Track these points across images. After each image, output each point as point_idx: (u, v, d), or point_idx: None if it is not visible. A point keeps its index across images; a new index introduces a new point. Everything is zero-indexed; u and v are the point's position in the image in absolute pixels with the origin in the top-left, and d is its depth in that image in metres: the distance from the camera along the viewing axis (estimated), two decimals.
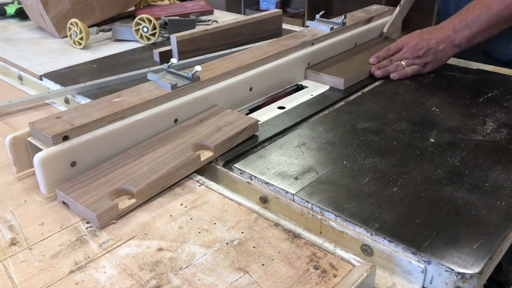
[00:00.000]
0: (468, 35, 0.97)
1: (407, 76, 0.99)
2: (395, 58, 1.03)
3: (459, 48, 0.99)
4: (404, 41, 1.03)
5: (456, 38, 0.98)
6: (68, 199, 0.63)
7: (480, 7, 0.96)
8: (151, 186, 0.64)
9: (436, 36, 0.99)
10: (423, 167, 0.69)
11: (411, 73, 1.00)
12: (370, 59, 1.03)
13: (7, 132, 0.83)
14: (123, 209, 0.62)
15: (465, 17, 0.97)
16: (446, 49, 0.99)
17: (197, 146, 0.73)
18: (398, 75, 0.99)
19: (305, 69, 1.01)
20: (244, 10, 4.16)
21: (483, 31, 0.97)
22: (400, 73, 1.00)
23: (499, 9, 0.94)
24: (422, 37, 1.01)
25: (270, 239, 0.56)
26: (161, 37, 1.33)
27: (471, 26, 0.96)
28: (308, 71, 1.01)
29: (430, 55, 0.99)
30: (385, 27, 1.23)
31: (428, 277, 0.53)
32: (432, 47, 0.99)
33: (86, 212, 0.60)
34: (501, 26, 0.97)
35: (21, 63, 1.14)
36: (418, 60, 1.00)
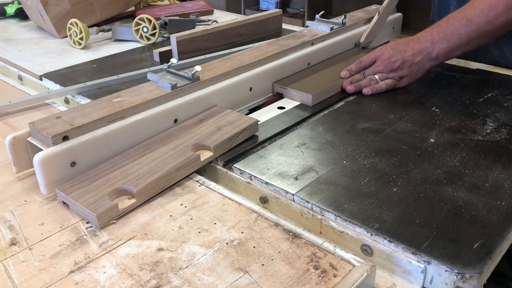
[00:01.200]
0: (446, 48, 0.91)
1: (381, 91, 0.93)
2: (368, 71, 0.96)
3: (437, 61, 0.93)
4: (377, 53, 0.96)
5: (434, 51, 0.92)
6: (68, 199, 0.63)
7: (461, 19, 0.90)
8: (151, 186, 0.64)
9: (412, 47, 0.93)
10: (423, 167, 0.69)
11: (385, 87, 0.93)
12: (342, 72, 0.96)
13: (7, 132, 0.83)
14: (123, 209, 0.61)
15: (444, 28, 0.91)
16: (423, 62, 0.93)
17: (197, 146, 0.73)
18: (371, 90, 0.92)
19: (272, 83, 0.94)
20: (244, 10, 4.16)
21: (462, 45, 0.91)
22: (373, 88, 0.93)
23: (481, 23, 0.88)
24: (397, 49, 0.94)
25: (270, 239, 0.56)
26: (161, 37, 1.34)
27: (450, 39, 0.90)
28: (276, 85, 0.94)
29: (406, 69, 0.93)
30: (362, 36, 1.15)
31: (428, 277, 0.53)
32: (407, 60, 0.93)
33: (86, 212, 0.60)
34: (481, 40, 0.91)
35: (21, 63, 1.14)
36: (392, 73, 0.94)
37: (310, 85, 0.93)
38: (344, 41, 1.12)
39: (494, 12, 0.87)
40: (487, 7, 0.87)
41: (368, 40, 1.15)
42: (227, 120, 0.79)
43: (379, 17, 1.13)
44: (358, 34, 1.15)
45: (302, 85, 0.93)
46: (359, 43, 1.15)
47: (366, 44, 1.15)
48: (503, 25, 0.88)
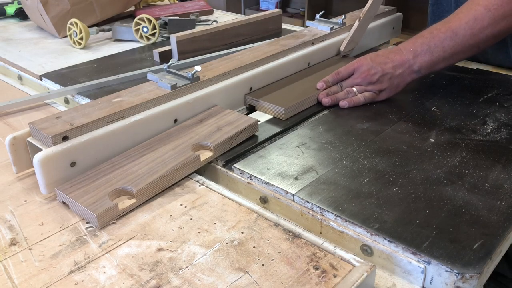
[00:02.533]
0: (429, 60, 0.86)
1: (359, 104, 0.88)
2: (346, 83, 0.91)
3: (419, 74, 0.88)
4: (356, 64, 0.91)
5: (416, 63, 0.87)
6: (68, 199, 0.63)
7: (445, 32, 0.85)
8: (151, 186, 0.64)
9: (393, 59, 0.88)
10: (423, 167, 0.69)
11: (363, 101, 0.88)
12: (318, 84, 0.91)
13: (7, 132, 0.83)
14: (123, 209, 0.61)
15: (427, 40, 0.86)
16: (404, 75, 0.88)
17: (197, 146, 0.73)
18: (348, 103, 0.87)
19: (244, 95, 0.90)
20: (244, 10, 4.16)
21: (446, 58, 0.86)
22: (351, 101, 0.87)
23: (465, 36, 0.84)
24: (376, 61, 0.89)
25: (270, 239, 0.56)
26: (161, 37, 1.33)
27: (433, 51, 0.86)
28: (248, 97, 0.89)
29: (385, 82, 0.88)
30: (342, 44, 1.09)
31: (428, 277, 0.53)
32: (387, 73, 0.88)
33: (86, 212, 0.60)
34: (465, 54, 0.87)
35: (21, 63, 1.14)
36: (371, 86, 0.88)
37: (283, 98, 0.88)
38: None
39: (479, 25, 0.83)
40: (473, 19, 0.83)
41: (349, 48, 1.10)
42: (227, 120, 0.79)
43: (359, 23, 1.07)
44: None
45: (275, 97, 0.88)
46: (339, 52, 1.10)
47: (347, 53, 1.10)
48: (487, 39, 0.85)
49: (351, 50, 1.11)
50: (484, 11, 0.82)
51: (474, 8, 0.84)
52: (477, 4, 0.83)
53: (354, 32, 1.07)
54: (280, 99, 0.87)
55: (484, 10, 0.82)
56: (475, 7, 0.83)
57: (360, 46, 1.16)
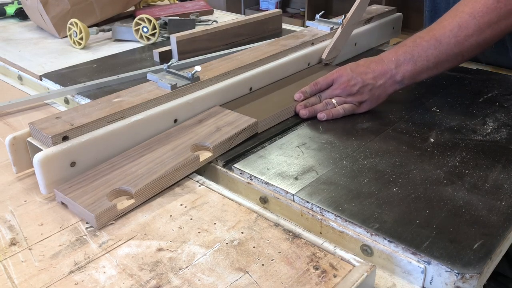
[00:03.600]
0: (412, 70, 0.82)
1: (338, 116, 0.83)
2: (325, 95, 0.87)
3: (401, 84, 0.84)
4: (335, 75, 0.86)
5: (399, 73, 0.82)
6: (66, 200, 0.63)
7: (429, 40, 0.81)
8: (150, 187, 0.64)
9: (374, 70, 0.84)
10: (423, 167, 0.69)
11: (342, 113, 0.83)
12: (295, 94, 0.87)
13: (7, 132, 0.83)
14: (122, 209, 0.62)
15: (410, 49, 0.82)
16: (386, 86, 0.84)
17: (196, 147, 0.73)
18: (326, 116, 0.83)
19: (217, 106, 0.85)
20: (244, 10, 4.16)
21: (430, 68, 0.82)
22: (329, 113, 0.83)
23: (450, 44, 0.79)
24: (357, 71, 0.84)
25: (270, 239, 0.56)
26: (161, 37, 1.33)
27: (416, 61, 0.81)
28: (220, 109, 0.84)
29: (366, 93, 0.84)
30: (324, 52, 1.04)
31: (428, 277, 0.53)
32: (368, 84, 0.83)
33: (85, 213, 0.60)
34: (449, 64, 0.82)
35: (21, 63, 1.14)
36: (351, 98, 0.84)
37: (257, 110, 0.83)
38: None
39: (464, 32, 0.79)
40: (457, 26, 0.79)
41: (331, 56, 1.05)
42: (226, 121, 0.79)
43: (342, 30, 1.03)
44: (357, 34, 1.15)
45: (248, 109, 0.83)
46: (321, 60, 1.05)
47: (329, 61, 1.05)
48: (472, 48, 0.80)
49: (334, 58, 1.06)
50: (469, 18, 0.78)
51: (458, 15, 0.80)
52: (462, 12, 0.79)
53: (337, 39, 1.04)
54: (254, 112, 0.82)
55: (469, 17, 0.78)
56: (459, 14, 0.80)
57: (360, 47, 1.16)
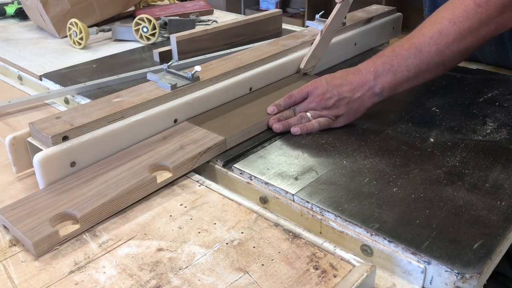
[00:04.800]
0: (392, 81, 0.77)
1: (312, 131, 0.79)
2: (299, 108, 0.82)
3: (380, 97, 0.79)
4: (310, 87, 0.82)
5: (377, 85, 0.78)
6: (7, 223, 0.58)
7: (409, 49, 0.77)
8: (98, 211, 0.60)
9: (351, 81, 0.79)
10: (423, 167, 0.69)
11: (317, 127, 0.79)
12: (269, 108, 0.82)
13: (7, 132, 0.83)
14: (65, 235, 0.57)
15: (389, 59, 0.78)
16: (364, 98, 0.79)
17: (155, 167, 0.68)
18: (300, 130, 0.78)
19: (186, 122, 0.80)
20: (244, 10, 4.16)
21: (410, 78, 0.78)
22: (303, 127, 0.79)
23: (430, 53, 0.75)
24: (332, 83, 0.80)
25: (270, 239, 0.56)
26: (161, 37, 1.33)
27: (396, 71, 0.77)
28: (188, 125, 0.79)
29: (342, 106, 0.79)
30: (303, 61, 0.99)
31: (428, 277, 0.53)
32: (344, 97, 0.79)
33: (23, 239, 0.56)
34: (430, 74, 0.78)
35: (21, 63, 1.14)
36: (327, 111, 0.80)
37: (227, 124, 0.78)
38: (344, 41, 1.11)
39: (445, 40, 0.75)
40: (437, 33, 0.75)
41: (310, 65, 1.00)
42: (192, 138, 0.74)
43: (322, 37, 0.97)
44: (358, 34, 1.15)
45: (216, 124, 0.79)
46: (299, 69, 1.00)
47: (308, 70, 1.00)
48: (454, 56, 0.76)
49: (313, 67, 1.01)
50: (449, 25, 0.74)
51: (438, 22, 0.76)
52: (441, 18, 0.76)
53: (316, 47, 0.98)
54: (223, 126, 0.78)
55: (449, 23, 0.74)
56: (439, 20, 0.76)
57: (360, 47, 1.16)
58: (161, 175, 0.68)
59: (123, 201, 0.62)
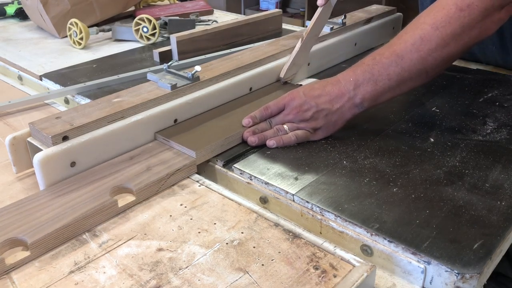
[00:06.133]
0: (373, 91, 0.74)
1: (289, 144, 0.75)
2: (276, 120, 0.78)
3: (361, 108, 0.76)
4: (286, 99, 0.78)
5: (358, 95, 0.75)
6: None
7: (390, 56, 0.73)
8: (51, 237, 0.56)
9: (330, 92, 0.76)
10: (423, 167, 0.69)
11: (294, 140, 0.75)
12: (244, 120, 0.78)
13: (7, 132, 0.83)
14: (12, 264, 0.53)
15: (370, 67, 0.74)
16: (343, 110, 0.75)
17: (118, 189, 0.64)
18: (276, 143, 0.74)
19: (154, 133, 0.77)
20: (244, 10, 4.16)
21: (392, 87, 0.74)
22: (279, 140, 0.74)
23: (412, 60, 0.72)
24: (310, 95, 0.76)
25: (270, 239, 0.56)
26: (161, 37, 1.34)
27: (377, 80, 0.74)
28: (158, 135, 0.76)
29: (321, 119, 0.75)
30: (283, 70, 0.95)
31: (428, 277, 0.53)
32: (323, 108, 0.75)
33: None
34: (413, 82, 0.75)
35: (21, 63, 1.14)
36: (304, 124, 0.76)
37: (200, 137, 0.75)
38: (344, 41, 1.12)
39: (427, 46, 0.72)
40: (419, 39, 0.72)
41: (291, 73, 0.96)
42: (161, 158, 0.70)
43: (302, 44, 0.93)
44: (358, 34, 1.15)
45: (188, 137, 0.75)
46: (279, 78, 0.96)
47: (289, 79, 0.96)
48: (436, 63, 0.73)
49: (294, 75, 0.97)
50: (431, 30, 0.72)
51: (420, 27, 0.73)
52: (423, 23, 0.73)
53: (296, 54, 0.94)
54: (195, 140, 0.74)
55: (431, 29, 0.72)
56: (420, 26, 0.73)
57: (360, 47, 1.16)
58: (123, 199, 0.63)
59: (79, 227, 0.58)
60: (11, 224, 0.57)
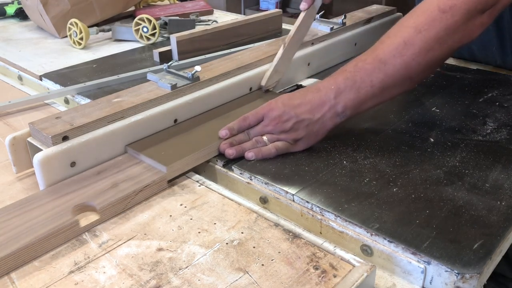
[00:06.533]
0: (355, 98, 0.71)
1: (269, 156, 0.72)
2: (254, 132, 0.75)
3: (343, 117, 0.73)
4: (265, 109, 0.75)
5: (339, 103, 0.72)
6: None
7: (372, 62, 0.71)
8: (2, 262, 0.52)
9: (310, 101, 0.73)
10: (423, 167, 0.69)
11: (274, 152, 0.72)
12: (221, 131, 0.74)
13: (7, 132, 0.83)
14: None
15: (352, 74, 0.72)
16: (324, 120, 0.72)
17: (81, 207, 0.61)
18: (255, 155, 0.71)
19: (125, 145, 0.73)
20: (244, 10, 4.16)
21: (375, 95, 0.72)
22: (258, 152, 0.72)
23: (395, 65, 0.70)
24: (290, 105, 0.73)
25: (270, 239, 0.56)
26: (161, 37, 1.33)
27: (360, 87, 0.71)
28: (128, 148, 0.72)
29: (302, 129, 0.72)
30: (264, 78, 0.92)
31: (428, 277, 0.53)
32: (303, 119, 0.72)
33: None
34: (397, 89, 0.73)
35: (21, 63, 1.14)
36: (284, 135, 0.73)
37: (172, 150, 0.71)
38: (344, 41, 1.12)
39: (410, 50, 0.69)
40: (402, 43, 0.70)
41: (273, 81, 0.92)
42: (129, 174, 0.67)
43: (284, 50, 0.89)
44: (358, 34, 1.15)
45: (160, 150, 0.71)
46: (260, 86, 0.92)
47: (270, 86, 0.92)
48: (420, 68, 0.71)
49: (276, 82, 0.93)
50: (413, 33, 0.69)
51: (402, 31, 0.71)
52: (406, 26, 0.71)
53: (278, 61, 0.90)
54: (166, 153, 0.70)
55: (414, 31, 0.69)
56: (403, 29, 0.71)
57: (360, 47, 1.16)
58: (87, 218, 0.60)
59: (36, 250, 0.55)
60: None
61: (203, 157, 0.72)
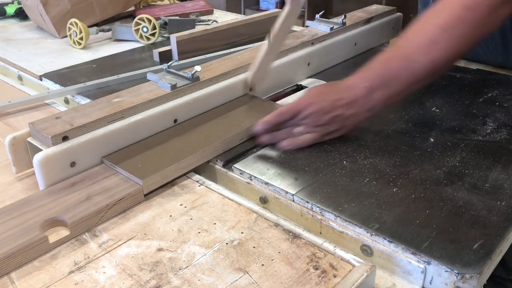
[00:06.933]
0: (384, 96, 0.74)
1: (301, 146, 0.74)
2: (290, 123, 0.76)
3: (372, 112, 0.76)
4: (302, 104, 0.75)
5: (371, 101, 0.74)
6: None
7: (400, 60, 0.73)
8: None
9: (346, 97, 0.74)
10: (423, 167, 0.69)
11: (307, 144, 0.75)
12: (257, 127, 0.76)
13: (7, 132, 0.83)
14: None
15: (382, 72, 0.74)
16: (356, 115, 0.75)
17: (51, 222, 0.58)
18: (290, 145, 0.74)
19: (101, 157, 0.70)
20: (244, 10, 4.16)
21: (402, 91, 0.74)
22: (293, 142, 0.74)
23: (423, 63, 0.71)
24: (328, 99, 0.75)
25: (270, 239, 0.56)
26: (161, 37, 1.33)
27: (389, 85, 0.73)
28: (105, 160, 0.69)
29: (336, 123, 0.75)
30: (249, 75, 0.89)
31: (428, 277, 0.53)
32: (339, 114, 0.74)
33: None
34: (422, 83, 0.75)
35: (21, 63, 1.14)
36: (319, 128, 0.75)
37: (151, 162, 0.68)
38: (344, 41, 1.11)
39: (437, 49, 0.71)
40: (429, 42, 0.71)
41: (258, 77, 0.89)
42: (104, 186, 0.64)
43: (269, 46, 0.86)
44: (358, 34, 1.15)
45: (137, 162, 0.68)
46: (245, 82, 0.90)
47: (255, 84, 0.90)
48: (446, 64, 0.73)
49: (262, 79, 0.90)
50: (440, 32, 0.71)
51: (428, 29, 0.72)
52: (430, 24, 0.72)
53: (263, 57, 0.87)
54: (144, 165, 0.67)
55: (440, 30, 0.71)
56: (429, 27, 0.72)
57: (360, 47, 1.16)
58: (57, 233, 0.57)
59: (3, 268, 0.52)
60: None
61: (183, 169, 0.69)
